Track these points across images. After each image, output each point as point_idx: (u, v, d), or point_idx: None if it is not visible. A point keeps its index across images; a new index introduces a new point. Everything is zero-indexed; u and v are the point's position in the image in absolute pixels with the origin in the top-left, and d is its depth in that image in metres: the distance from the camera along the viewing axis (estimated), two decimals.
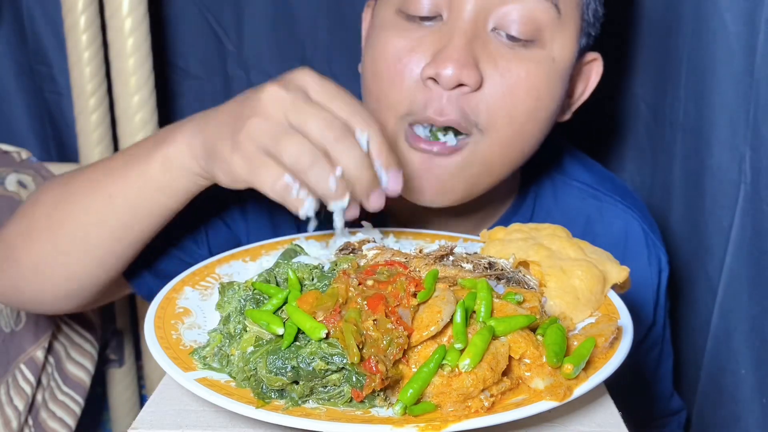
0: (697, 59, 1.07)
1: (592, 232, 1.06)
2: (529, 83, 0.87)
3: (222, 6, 1.45)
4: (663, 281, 1.07)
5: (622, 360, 0.62)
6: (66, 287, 0.93)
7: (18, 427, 1.15)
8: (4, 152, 1.35)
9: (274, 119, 0.72)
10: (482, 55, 0.85)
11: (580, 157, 1.14)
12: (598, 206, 1.07)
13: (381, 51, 0.90)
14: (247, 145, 0.73)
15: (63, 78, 1.45)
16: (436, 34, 0.86)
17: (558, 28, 0.87)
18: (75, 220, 0.88)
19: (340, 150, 0.71)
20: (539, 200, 1.09)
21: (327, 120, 0.71)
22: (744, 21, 0.92)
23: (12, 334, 1.16)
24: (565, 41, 0.89)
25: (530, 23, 0.85)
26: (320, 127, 0.71)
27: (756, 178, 0.91)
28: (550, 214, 1.08)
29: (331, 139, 0.71)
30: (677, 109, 1.16)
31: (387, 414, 0.57)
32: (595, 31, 0.96)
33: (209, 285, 0.78)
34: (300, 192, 0.71)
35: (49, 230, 0.90)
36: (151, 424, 0.60)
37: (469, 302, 0.62)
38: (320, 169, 0.70)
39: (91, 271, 0.91)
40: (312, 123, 0.71)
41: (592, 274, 0.72)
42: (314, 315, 0.60)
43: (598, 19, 0.96)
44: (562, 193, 1.09)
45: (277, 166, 0.71)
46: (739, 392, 0.96)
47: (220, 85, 1.51)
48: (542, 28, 0.86)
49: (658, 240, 1.07)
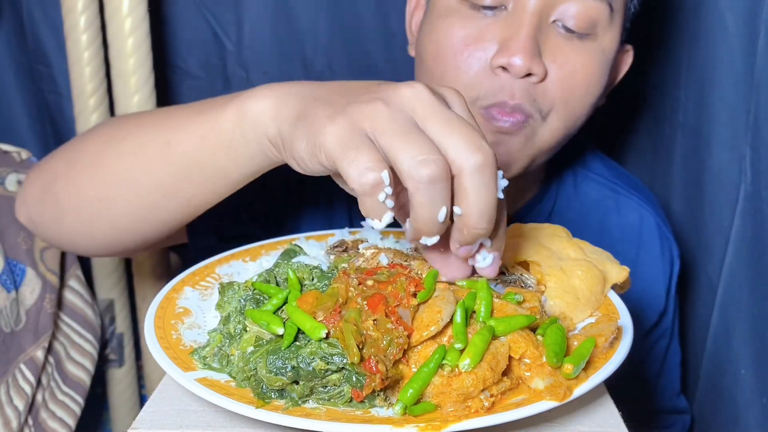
0: (697, 59, 1.07)
1: (609, 222, 1.12)
2: (584, 73, 0.93)
3: (222, 6, 1.45)
4: (675, 272, 1.12)
5: (622, 360, 0.62)
6: (102, 232, 0.87)
7: (18, 427, 1.15)
8: (4, 152, 1.35)
9: (404, 114, 0.59)
10: (544, 46, 0.90)
11: (599, 154, 1.20)
12: (615, 198, 1.12)
13: (445, 36, 0.93)
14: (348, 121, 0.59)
15: (63, 78, 1.45)
16: (501, 24, 0.90)
17: (609, 23, 0.93)
18: (122, 163, 0.81)
19: (477, 181, 0.56)
20: (561, 189, 1.14)
21: (474, 140, 0.57)
22: (744, 21, 0.92)
23: (12, 334, 1.16)
24: (614, 34, 0.95)
25: (587, 18, 0.90)
26: (463, 144, 0.56)
27: (756, 178, 0.91)
28: (570, 203, 1.13)
29: (473, 163, 0.56)
30: (677, 109, 1.16)
31: (387, 414, 0.57)
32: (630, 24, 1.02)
33: (209, 285, 0.78)
34: (388, 200, 0.57)
35: (93, 168, 0.83)
36: (151, 424, 0.60)
37: (469, 302, 0.62)
38: (439, 191, 0.56)
39: (132, 225, 0.84)
40: (457, 135, 0.57)
41: (592, 274, 0.72)
42: (314, 315, 0.60)
43: (634, 11, 1.01)
44: (582, 184, 1.15)
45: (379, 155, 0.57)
46: (739, 392, 0.96)
47: (220, 85, 1.51)
48: (597, 23, 0.91)
49: (670, 233, 1.12)
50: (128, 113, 0.92)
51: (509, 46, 0.88)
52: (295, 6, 1.43)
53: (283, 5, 1.43)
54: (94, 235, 0.88)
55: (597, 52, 0.93)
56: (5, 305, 1.17)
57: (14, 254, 1.20)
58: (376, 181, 0.56)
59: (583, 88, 0.93)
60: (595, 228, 1.11)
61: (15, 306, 1.16)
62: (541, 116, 0.93)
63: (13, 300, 1.17)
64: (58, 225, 0.91)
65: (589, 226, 1.11)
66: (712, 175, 1.02)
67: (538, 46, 0.89)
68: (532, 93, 0.91)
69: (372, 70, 1.48)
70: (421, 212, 0.57)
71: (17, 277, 1.19)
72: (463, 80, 0.92)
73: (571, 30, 0.91)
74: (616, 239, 1.11)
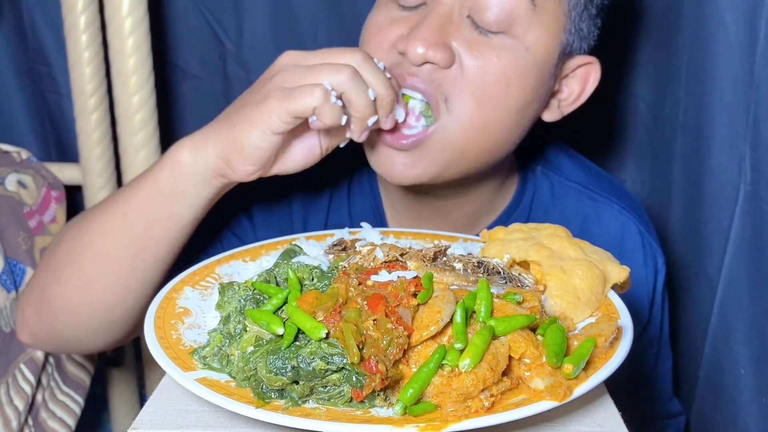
0: (697, 59, 1.07)
1: (589, 232, 1.07)
2: (499, 69, 0.89)
3: (222, 6, 1.45)
4: (659, 281, 1.08)
5: (622, 360, 0.62)
6: (97, 320, 0.95)
7: (18, 427, 1.15)
8: (4, 152, 1.35)
9: (297, 66, 0.82)
10: (456, 38, 0.89)
11: (577, 158, 1.16)
12: (594, 207, 1.09)
13: (367, 25, 0.98)
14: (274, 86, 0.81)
15: (63, 78, 1.45)
16: (417, 15, 0.92)
17: (533, 21, 0.89)
18: (94, 247, 0.91)
19: (368, 71, 0.81)
20: (537, 200, 1.11)
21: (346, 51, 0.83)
22: (744, 21, 0.92)
23: (12, 334, 1.16)
24: (541, 35, 0.90)
25: (503, 13, 0.88)
26: (343, 57, 0.81)
27: (756, 178, 0.91)
28: (547, 213, 1.10)
29: (360, 60, 0.81)
30: (677, 109, 1.16)
31: (387, 414, 0.57)
32: (591, 33, 0.97)
33: (209, 285, 0.78)
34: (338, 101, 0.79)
35: (73, 264, 0.92)
36: (151, 424, 0.60)
37: (469, 302, 0.62)
38: (360, 84, 0.80)
39: (117, 299, 0.92)
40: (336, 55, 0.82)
41: (593, 273, 0.72)
42: (314, 315, 0.60)
43: (592, 20, 0.97)
44: (559, 193, 1.11)
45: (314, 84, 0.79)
46: (739, 392, 0.96)
47: (220, 85, 1.50)
48: (515, 18, 0.88)
49: (654, 241, 1.08)
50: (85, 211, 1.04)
51: (411, 34, 0.89)
52: (295, 6, 1.43)
53: (283, 5, 1.43)
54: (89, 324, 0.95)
55: (517, 50, 0.89)
56: (5, 305, 1.17)
57: (14, 254, 1.20)
58: (323, 90, 0.78)
59: (500, 87, 0.89)
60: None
61: (15, 306, 1.16)
62: (447, 107, 0.90)
63: (14, 300, 1.17)
64: (57, 331, 0.98)
65: None
66: (712, 175, 1.02)
67: (443, 35, 0.88)
68: (437, 78, 0.89)
69: None
70: (358, 100, 0.81)
71: (17, 277, 1.20)
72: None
73: (486, 24, 0.89)
74: None
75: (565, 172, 1.12)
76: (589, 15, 0.96)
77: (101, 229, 0.91)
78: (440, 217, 1.07)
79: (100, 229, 0.91)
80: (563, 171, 1.12)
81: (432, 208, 1.07)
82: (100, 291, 0.92)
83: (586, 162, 1.16)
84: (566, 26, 0.93)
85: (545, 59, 0.92)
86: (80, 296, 0.93)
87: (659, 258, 1.07)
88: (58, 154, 1.57)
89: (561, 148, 1.15)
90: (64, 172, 1.40)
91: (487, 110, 0.90)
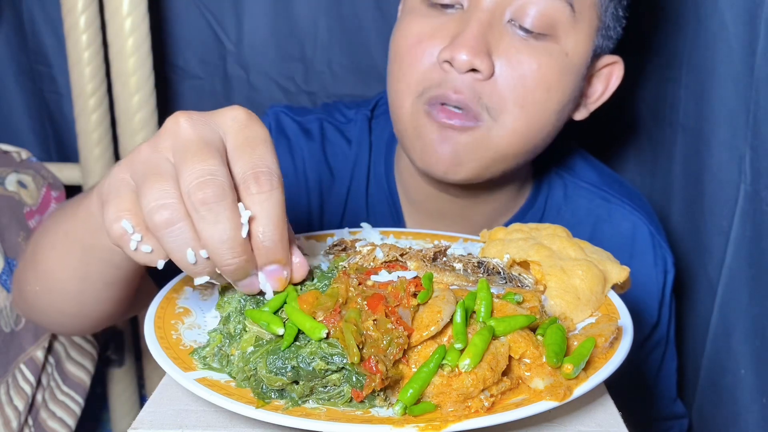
0: (697, 59, 1.07)
1: (601, 232, 1.09)
2: (541, 74, 0.90)
3: (222, 6, 1.45)
4: (669, 282, 1.10)
5: (622, 360, 0.62)
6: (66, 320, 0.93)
7: (18, 427, 1.15)
8: (4, 152, 1.35)
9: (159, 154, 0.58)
10: (495, 45, 0.89)
11: (590, 160, 1.18)
12: (607, 207, 1.10)
13: (402, 34, 0.95)
14: (117, 176, 0.60)
15: (63, 78, 1.45)
16: (455, 21, 0.91)
17: (572, 26, 0.91)
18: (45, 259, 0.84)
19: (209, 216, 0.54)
20: (550, 200, 1.13)
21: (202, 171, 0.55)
22: (744, 21, 0.92)
23: (12, 334, 1.16)
24: (579, 38, 0.92)
25: (545, 18, 0.89)
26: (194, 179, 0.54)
27: (756, 178, 0.91)
28: (560, 213, 1.12)
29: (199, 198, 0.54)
30: (677, 109, 1.16)
31: (387, 414, 0.57)
32: (616, 33, 0.99)
33: (209, 285, 0.78)
34: (142, 245, 0.58)
35: (32, 266, 0.87)
36: (151, 424, 0.60)
37: (469, 302, 0.62)
38: (178, 233, 0.55)
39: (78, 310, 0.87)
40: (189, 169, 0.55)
41: (593, 273, 0.72)
42: (314, 315, 0.60)
43: (619, 21, 0.98)
44: (572, 193, 1.13)
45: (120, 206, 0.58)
46: (739, 392, 0.96)
47: (220, 85, 1.51)
48: (556, 24, 0.90)
49: (664, 242, 1.10)
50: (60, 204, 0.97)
51: (455, 42, 0.89)
52: (295, 6, 1.43)
53: (283, 5, 1.44)
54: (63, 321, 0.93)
55: (557, 54, 0.91)
56: (5, 305, 1.17)
57: (14, 254, 1.20)
58: (119, 232, 0.57)
59: (542, 91, 0.91)
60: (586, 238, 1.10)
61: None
62: (491, 116, 0.91)
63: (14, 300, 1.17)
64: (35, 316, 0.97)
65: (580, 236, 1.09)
66: (712, 176, 1.02)
67: (486, 43, 0.88)
68: (478, 90, 0.90)
69: (372, 70, 1.48)
70: (175, 257, 0.56)
71: None
72: (414, 75, 0.93)
73: (527, 29, 0.89)
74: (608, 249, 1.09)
75: (579, 173, 1.14)
76: (617, 16, 0.97)
77: (49, 244, 0.83)
78: (458, 217, 1.08)
79: (49, 242, 0.83)
80: (576, 172, 1.14)
81: (452, 207, 1.08)
82: (56, 299, 0.87)
83: (598, 164, 1.18)
84: (599, 29, 0.95)
85: (581, 62, 0.94)
86: (45, 300, 0.89)
87: (669, 259, 1.09)
88: (58, 154, 1.57)
89: (576, 150, 1.17)
90: (64, 172, 1.41)
91: (530, 115, 0.92)
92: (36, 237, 0.91)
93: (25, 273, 0.90)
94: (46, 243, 0.84)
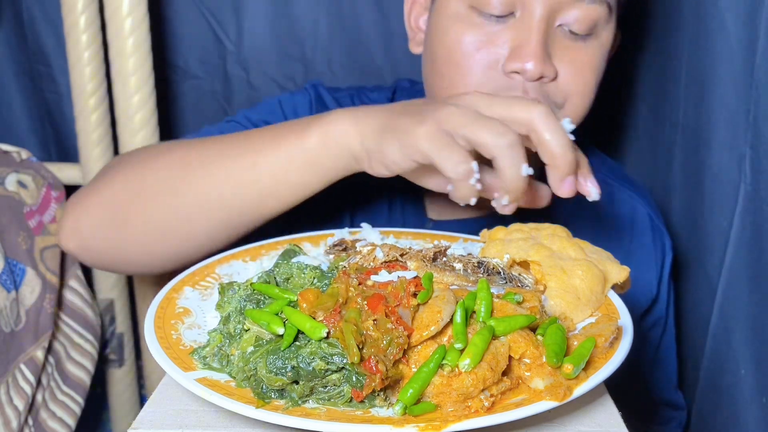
0: (697, 59, 1.07)
1: (602, 214, 1.13)
2: (591, 65, 1.00)
3: (222, 6, 1.45)
4: (667, 262, 1.13)
5: (622, 360, 0.62)
6: (179, 251, 0.94)
7: (18, 427, 1.15)
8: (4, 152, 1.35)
9: (467, 109, 0.75)
10: (553, 50, 0.97)
11: (591, 148, 1.21)
12: (608, 191, 1.14)
13: (457, 42, 0.98)
14: (433, 124, 0.74)
15: (63, 78, 1.45)
16: (510, 30, 0.96)
17: (608, 21, 1.00)
18: (207, 187, 0.89)
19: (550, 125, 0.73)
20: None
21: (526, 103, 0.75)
22: (744, 21, 0.92)
23: (12, 334, 1.16)
24: (611, 28, 1.02)
25: (589, 21, 0.97)
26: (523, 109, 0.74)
27: (756, 178, 0.91)
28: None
29: (537, 115, 0.73)
30: (677, 109, 1.16)
31: (387, 414, 0.57)
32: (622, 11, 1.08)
33: (209, 285, 0.78)
34: (477, 184, 0.74)
35: (172, 195, 0.90)
36: (151, 424, 0.60)
37: (469, 302, 0.62)
38: (518, 152, 0.72)
39: (206, 241, 0.92)
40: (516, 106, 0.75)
41: (593, 273, 0.72)
42: (314, 315, 0.60)
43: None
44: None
45: (465, 151, 0.73)
46: (739, 392, 0.96)
47: (220, 85, 1.51)
48: (598, 23, 0.99)
49: (662, 225, 1.14)
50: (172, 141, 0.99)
51: (521, 53, 0.94)
52: (295, 6, 1.43)
53: (283, 5, 1.44)
54: (169, 253, 0.95)
55: (598, 47, 1.01)
56: (5, 305, 1.17)
57: (14, 254, 1.20)
58: (467, 170, 0.72)
59: (594, 78, 1.01)
60: (589, 219, 1.13)
61: (15, 306, 1.16)
62: (557, 107, 0.99)
63: (13, 300, 1.17)
64: (122, 250, 0.98)
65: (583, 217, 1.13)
66: (712, 175, 1.02)
67: (547, 50, 0.95)
68: (545, 90, 0.97)
69: (372, 70, 1.48)
70: (509, 173, 0.73)
71: (17, 277, 1.19)
72: (474, 80, 0.97)
73: (576, 33, 0.97)
74: (609, 230, 1.14)
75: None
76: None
77: (223, 173, 0.88)
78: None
79: (222, 171, 0.88)
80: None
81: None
82: (194, 228, 0.91)
83: (599, 152, 1.24)
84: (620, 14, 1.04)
85: (610, 45, 1.04)
86: (168, 228, 0.92)
87: (667, 241, 1.13)
88: (58, 154, 1.57)
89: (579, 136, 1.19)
90: (64, 172, 1.40)
91: (588, 100, 1.02)
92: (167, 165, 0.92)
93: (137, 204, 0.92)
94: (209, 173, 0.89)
